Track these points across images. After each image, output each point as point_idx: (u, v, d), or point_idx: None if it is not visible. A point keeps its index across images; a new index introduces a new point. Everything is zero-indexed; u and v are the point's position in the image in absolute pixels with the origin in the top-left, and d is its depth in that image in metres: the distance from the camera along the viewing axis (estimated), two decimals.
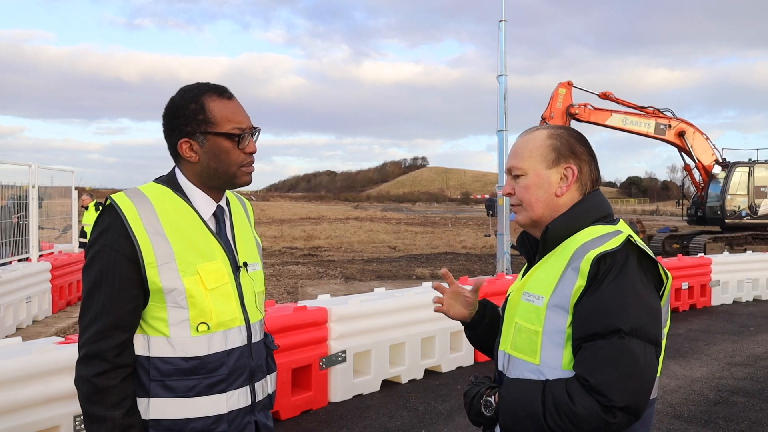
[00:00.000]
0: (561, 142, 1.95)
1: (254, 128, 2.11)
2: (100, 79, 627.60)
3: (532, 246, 2.03)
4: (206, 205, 2.10)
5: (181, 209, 2.04)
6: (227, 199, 2.21)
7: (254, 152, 2.11)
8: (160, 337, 1.96)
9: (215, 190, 2.12)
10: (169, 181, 2.11)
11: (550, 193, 1.94)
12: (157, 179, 2.14)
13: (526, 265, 2.07)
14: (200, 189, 2.09)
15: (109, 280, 1.91)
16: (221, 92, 2.08)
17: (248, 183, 2.13)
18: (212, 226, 2.10)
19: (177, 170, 2.12)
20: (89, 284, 1.94)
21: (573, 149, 1.95)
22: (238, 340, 2.06)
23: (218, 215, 2.13)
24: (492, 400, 1.84)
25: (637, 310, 1.71)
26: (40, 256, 11.37)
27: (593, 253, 1.75)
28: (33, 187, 10.95)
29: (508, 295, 2.05)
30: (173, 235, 1.97)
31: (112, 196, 1.99)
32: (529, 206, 1.96)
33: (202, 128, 2.02)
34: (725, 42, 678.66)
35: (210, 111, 2.03)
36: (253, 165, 2.13)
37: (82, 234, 14.09)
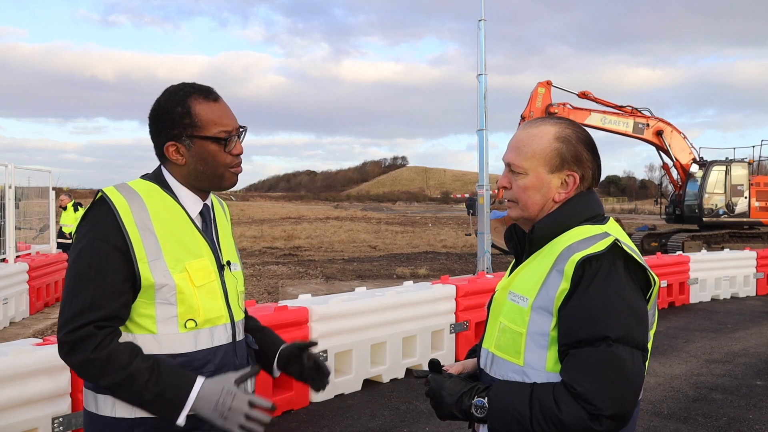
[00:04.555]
0: (568, 148, 1.88)
1: (241, 128, 2.11)
2: (76, 78, 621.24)
3: (520, 241, 2.00)
4: (193, 203, 2.10)
5: (169, 206, 2.03)
6: (211, 200, 2.21)
7: (241, 153, 2.11)
8: (147, 335, 1.94)
9: (202, 191, 2.12)
10: (156, 178, 2.10)
11: (548, 197, 1.90)
12: (143, 176, 2.13)
13: (514, 261, 2.05)
14: (187, 188, 2.09)
15: (101, 274, 1.87)
16: (207, 94, 2.06)
17: (234, 184, 2.13)
18: (199, 224, 2.10)
19: (163, 169, 2.11)
20: (76, 278, 1.89)
21: (578, 157, 1.89)
22: (223, 337, 2.06)
23: (205, 214, 2.13)
24: (485, 401, 1.81)
25: (624, 316, 1.70)
26: (17, 257, 11.23)
27: (578, 256, 1.73)
28: (10, 187, 10.82)
29: (495, 293, 2.03)
30: (162, 232, 1.96)
31: (103, 189, 1.97)
32: (525, 207, 1.92)
33: (188, 132, 2.01)
34: (706, 40, 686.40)
35: (196, 115, 2.01)
36: (241, 166, 2.12)
37: (60, 234, 13.94)
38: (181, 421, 1.88)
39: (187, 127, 2.01)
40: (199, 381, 1.90)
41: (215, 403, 1.88)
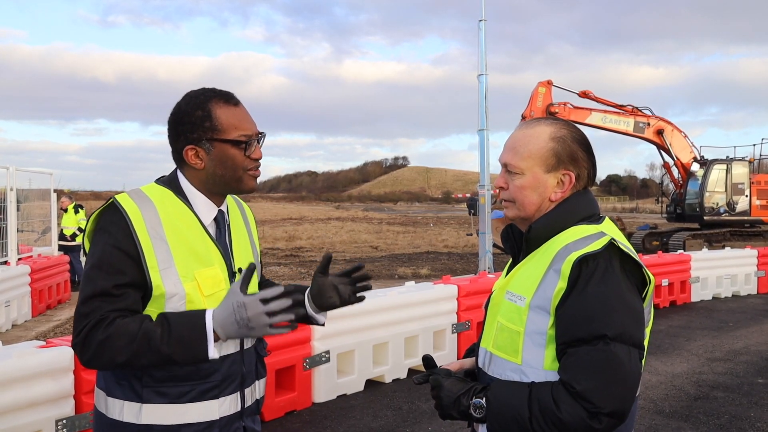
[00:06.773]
0: (563, 147, 1.90)
1: (260, 134, 2.12)
2: (76, 79, 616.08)
3: (517, 241, 2.02)
4: (208, 209, 2.10)
5: (182, 213, 2.03)
6: (227, 204, 2.21)
7: (260, 158, 2.12)
8: None
9: (218, 195, 2.13)
10: (170, 183, 2.10)
11: (544, 197, 1.92)
12: (159, 180, 2.14)
13: (511, 261, 2.06)
14: (203, 194, 2.09)
15: (112, 275, 1.88)
16: (228, 99, 2.08)
17: (254, 188, 2.14)
18: (212, 231, 2.10)
19: (179, 174, 2.11)
20: (88, 277, 1.90)
21: (574, 156, 1.91)
22: (231, 346, 2.05)
23: (219, 220, 2.13)
24: (483, 401, 1.82)
25: (621, 314, 1.72)
26: (19, 259, 11.25)
27: (575, 255, 1.75)
28: (11, 189, 10.84)
29: (492, 293, 2.05)
30: (173, 240, 1.96)
31: (115, 197, 1.98)
32: (521, 206, 1.94)
33: (208, 135, 2.02)
34: (709, 38, 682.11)
35: (217, 118, 2.03)
36: (259, 170, 2.13)
37: (62, 237, 13.95)
38: (212, 354, 1.88)
39: (207, 131, 2.02)
40: (208, 312, 1.90)
41: (235, 321, 1.87)
